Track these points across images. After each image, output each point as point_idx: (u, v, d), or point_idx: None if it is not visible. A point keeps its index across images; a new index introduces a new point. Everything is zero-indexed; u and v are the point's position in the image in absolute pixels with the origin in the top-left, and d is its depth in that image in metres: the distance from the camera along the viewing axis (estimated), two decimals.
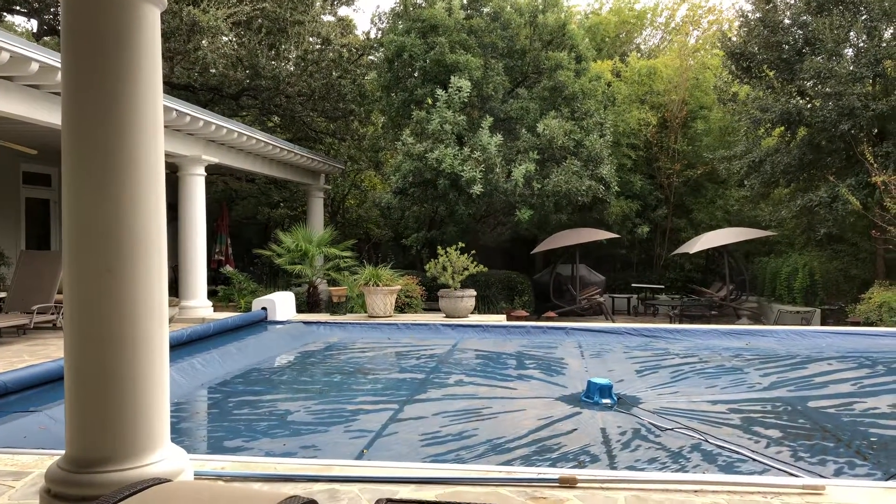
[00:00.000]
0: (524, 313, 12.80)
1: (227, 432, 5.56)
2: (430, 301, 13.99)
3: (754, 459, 4.73)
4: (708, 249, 16.41)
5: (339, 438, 5.38)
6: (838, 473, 4.57)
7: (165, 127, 10.93)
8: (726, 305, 16.23)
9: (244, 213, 21.27)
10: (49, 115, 8.53)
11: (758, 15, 15.24)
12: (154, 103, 3.34)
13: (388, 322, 11.07)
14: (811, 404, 6.41)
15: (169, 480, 2.96)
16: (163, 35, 16.17)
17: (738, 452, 4.90)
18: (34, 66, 7.47)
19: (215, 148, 12.44)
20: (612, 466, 4.72)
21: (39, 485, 3.82)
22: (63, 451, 4.30)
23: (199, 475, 3.85)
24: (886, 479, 4.01)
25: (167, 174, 13.02)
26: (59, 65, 7.81)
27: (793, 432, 5.56)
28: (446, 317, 11.68)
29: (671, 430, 5.49)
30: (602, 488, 3.74)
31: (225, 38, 17.28)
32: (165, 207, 3.47)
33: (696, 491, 3.68)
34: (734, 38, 16.03)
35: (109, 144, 3.18)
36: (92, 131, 3.19)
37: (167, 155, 11.62)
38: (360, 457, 4.83)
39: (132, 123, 3.21)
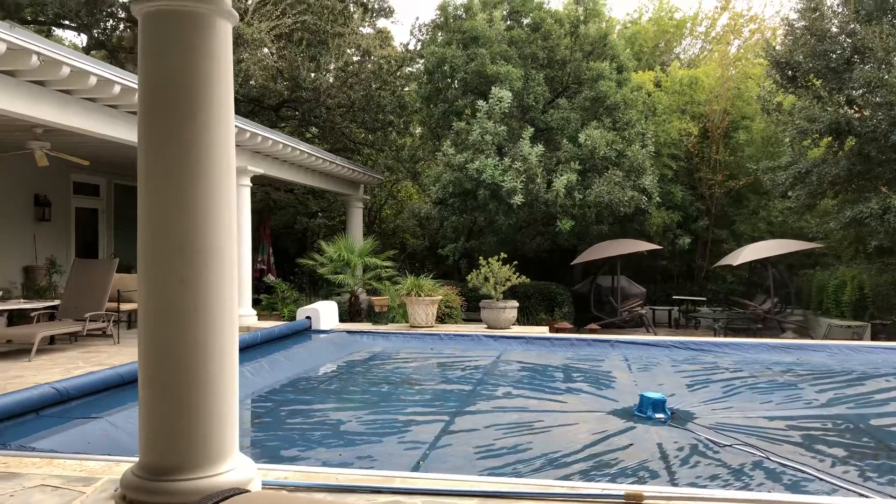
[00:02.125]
0: (568, 325, 12.70)
1: (282, 441, 5.59)
2: (470, 311, 13.97)
3: (821, 479, 4.62)
4: (751, 261, 16.13)
5: (393, 449, 5.38)
6: None
7: None
8: (770, 319, 15.93)
9: (282, 223, 21.48)
10: (104, 126, 8.73)
11: (804, 23, 14.99)
12: (227, 118, 3.39)
13: (430, 332, 11.07)
14: (874, 422, 6.24)
15: (246, 490, 2.99)
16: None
17: (802, 471, 4.79)
18: (92, 80, 7.64)
19: (260, 159, 12.60)
20: (674, 483, 4.64)
21: (109, 491, 3.89)
22: (130, 458, 4.38)
23: (265, 485, 3.87)
24: None
25: None
26: (115, 78, 7.98)
27: (857, 451, 5.42)
28: (488, 328, 11.65)
29: (730, 446, 5.39)
30: None
31: (266, 51, 17.53)
32: (236, 214, 3.52)
33: None
34: (779, 47, 15.78)
35: (185, 159, 3.23)
36: (168, 147, 3.25)
37: None
38: (416, 468, 4.82)
39: (206, 138, 3.26)
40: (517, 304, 11.82)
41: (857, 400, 7.18)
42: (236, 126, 10.87)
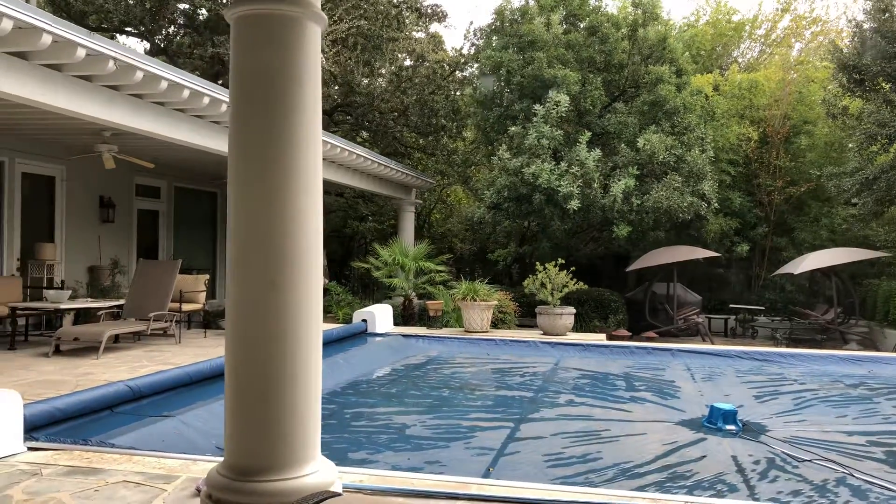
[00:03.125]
0: (626, 333, 12.52)
1: (349, 444, 5.60)
2: (523, 317, 13.87)
3: None
4: (812, 270, 15.66)
5: (460, 455, 5.34)
6: None
7: None
8: (833, 329, 15.44)
9: (331, 227, 21.67)
10: (172, 130, 8.91)
11: (873, 24, 14.53)
12: (316, 118, 3.40)
13: (485, 337, 11.01)
14: None
15: (339, 493, 2.98)
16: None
17: (890, 489, 4.59)
18: (164, 84, 7.81)
19: None
20: (754, 498, 4.49)
21: (189, 489, 3.94)
22: (206, 457, 4.43)
23: (343, 488, 3.87)
24: None
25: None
26: (183, 81, 8.15)
27: None
28: (543, 334, 11.53)
29: (809, 461, 5.20)
30: None
31: (327, 56, 17.73)
32: (322, 216, 3.53)
33: None
34: (846, 50, 15.32)
35: (277, 160, 3.24)
36: (260, 147, 3.26)
37: None
38: (486, 475, 4.77)
39: (297, 139, 3.27)
40: (574, 311, 11.67)
41: None
42: None
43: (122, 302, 10.63)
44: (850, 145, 15.50)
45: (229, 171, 3.35)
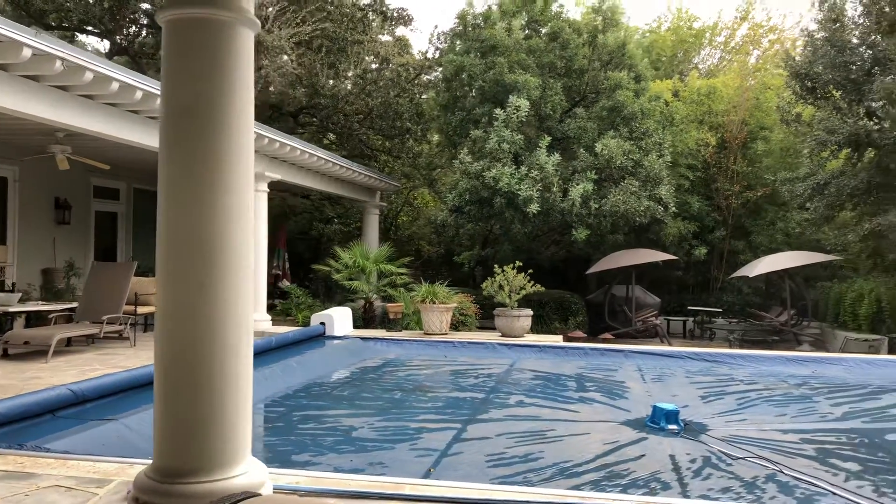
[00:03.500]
0: (582, 334, 12.68)
1: (294, 446, 5.63)
2: (484, 319, 13.96)
3: (834, 493, 4.58)
4: (768, 273, 16.01)
5: (404, 456, 5.40)
6: None
7: None
8: (787, 331, 15.79)
9: (298, 229, 21.62)
10: (124, 131, 8.84)
11: (824, 34, 14.92)
12: (247, 123, 3.45)
13: (444, 340, 11.08)
14: (889, 437, 6.18)
15: (258, 494, 3.02)
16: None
17: (815, 485, 4.75)
18: (114, 86, 7.76)
19: (278, 164, 12.71)
20: (685, 495, 4.61)
21: (121, 493, 3.93)
22: (144, 460, 4.42)
23: (276, 489, 3.90)
24: None
25: None
26: (137, 83, 8.10)
27: (872, 466, 5.37)
28: (502, 336, 11.64)
29: (743, 458, 5.35)
30: None
31: (285, 58, 17.68)
32: (253, 220, 3.57)
33: None
34: (798, 58, 15.70)
35: (205, 163, 3.28)
36: (188, 151, 3.30)
37: None
38: (426, 476, 4.83)
39: (227, 143, 3.31)
40: (531, 313, 11.79)
41: (872, 414, 7.11)
42: (254, 132, 10.96)
43: (75, 305, 10.50)
44: (804, 151, 15.88)
45: (159, 173, 3.37)
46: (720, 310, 17.85)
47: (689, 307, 18.19)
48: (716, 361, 9.92)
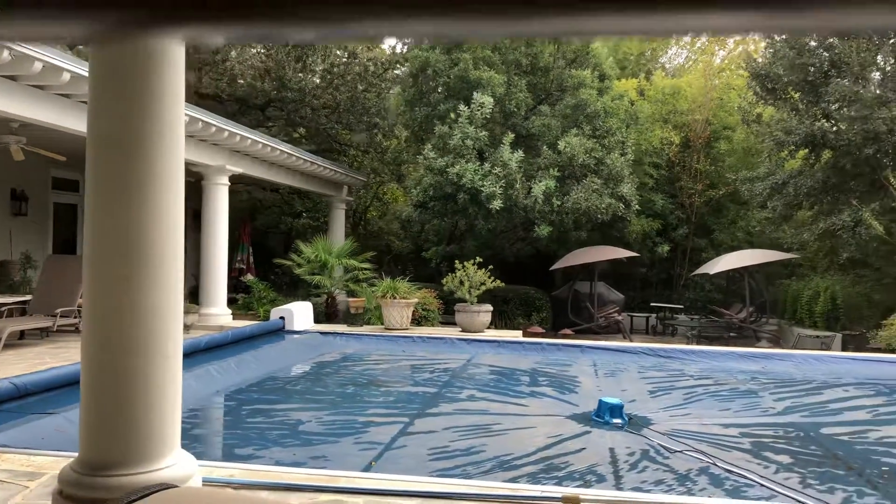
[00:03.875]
0: (540, 330, 12.81)
1: (238, 440, 5.64)
2: (448, 315, 14.03)
3: (762, 485, 4.71)
4: (729, 270, 16.28)
5: (348, 450, 5.44)
6: (846, 502, 4.54)
7: (190, 137, 11.13)
8: (746, 327, 16.08)
9: (267, 223, 21.50)
10: (78, 122, 8.74)
11: (784, 37, 15.16)
12: (176, 117, 3.45)
13: (404, 335, 11.13)
14: (824, 431, 6.35)
15: (175, 486, 3.04)
16: (192, 46, 16.49)
17: (745, 477, 4.88)
18: (66, 76, 7.68)
19: (240, 158, 12.64)
20: (619, 487, 4.72)
21: (52, 486, 3.93)
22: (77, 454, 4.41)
23: (208, 482, 3.92)
24: None
25: (192, 183, 13.12)
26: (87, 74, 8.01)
27: (803, 459, 5.52)
28: (462, 331, 11.72)
29: (680, 452, 5.47)
30: None
31: (253, 51, 17.57)
32: (183, 217, 3.58)
33: None
34: (759, 60, 15.96)
35: (131, 157, 3.29)
36: (112, 146, 3.31)
37: (192, 164, 11.83)
38: (367, 469, 4.88)
39: (152, 140, 3.32)
40: (491, 308, 11.89)
41: (812, 409, 7.30)
42: (215, 125, 10.91)
43: (29, 297, 10.37)
44: (763, 152, 16.16)
45: (87, 166, 3.38)
46: (682, 306, 18.11)
47: (651, 303, 18.43)
48: (669, 357, 10.10)
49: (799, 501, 4.32)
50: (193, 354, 8.37)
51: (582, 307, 16.85)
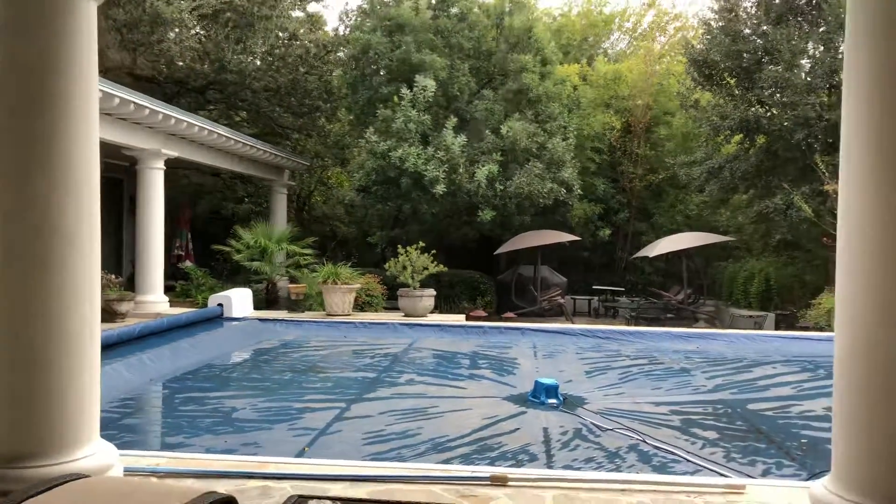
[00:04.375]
0: (482, 313, 12.90)
1: (169, 428, 5.54)
2: (392, 300, 13.99)
3: (688, 460, 4.85)
4: (668, 253, 16.66)
5: (282, 436, 5.39)
6: (766, 473, 4.71)
7: (123, 120, 10.81)
8: (684, 309, 16.49)
9: (209, 209, 21.04)
10: None
11: (720, 24, 15.50)
12: (88, 96, 3.33)
13: (346, 320, 11.07)
14: (751, 406, 6.57)
15: (88, 476, 2.96)
16: (125, 26, 15.96)
17: (673, 453, 5.01)
18: None
19: (175, 142, 12.31)
20: (550, 465, 4.80)
21: None
22: None
23: (131, 471, 3.84)
24: (806, 479, 4.14)
25: (127, 167, 12.79)
26: None
27: (729, 434, 5.70)
28: (405, 316, 11.72)
29: (612, 430, 5.59)
30: (532, 487, 3.81)
31: (192, 32, 17.10)
32: (99, 197, 3.47)
33: (622, 490, 3.77)
34: (697, 46, 16.27)
35: (39, 136, 3.17)
36: (19, 133, 3.17)
37: (126, 148, 11.49)
38: (300, 454, 4.85)
39: (63, 125, 3.20)
40: (434, 293, 11.91)
41: (741, 386, 7.54)
42: (148, 107, 10.60)
43: None
44: (701, 137, 16.53)
45: None
46: (623, 289, 18.47)
47: (594, 286, 18.73)
48: (607, 338, 10.29)
49: (721, 474, 4.45)
50: (127, 343, 8.18)
51: (526, 290, 17.02)
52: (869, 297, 2.87)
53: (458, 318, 11.85)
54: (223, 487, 3.80)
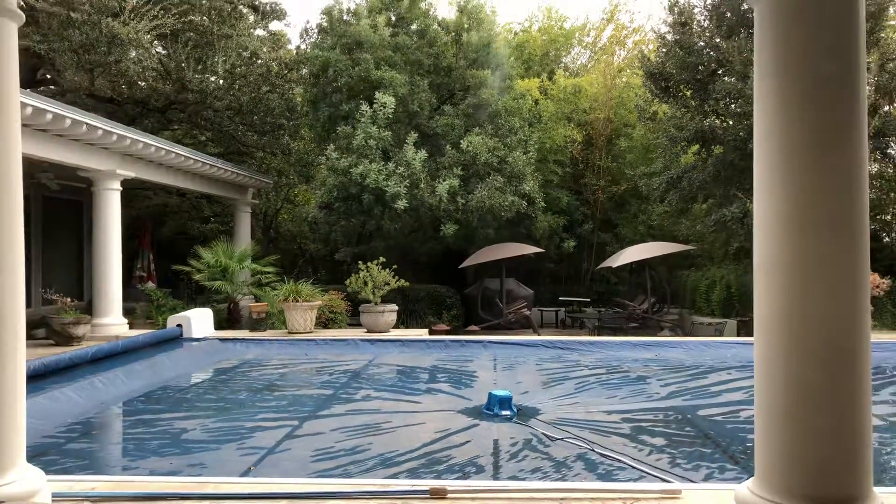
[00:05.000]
0: (445, 327, 12.90)
1: (115, 452, 5.47)
2: (357, 316, 13.94)
3: (633, 467, 4.88)
4: (632, 263, 16.83)
5: (229, 456, 5.33)
6: (708, 477, 4.76)
7: (76, 141, 10.69)
8: (649, 318, 16.65)
9: (177, 229, 20.84)
10: None
11: (675, 37, 15.80)
12: (8, 125, 3.30)
13: (307, 338, 11.00)
14: (701, 412, 6.64)
15: None
16: (82, 47, 15.82)
17: (619, 461, 5.05)
18: None
19: (132, 162, 12.20)
20: (496, 477, 4.80)
21: None
22: None
23: (60, 496, 3.77)
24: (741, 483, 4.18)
25: (82, 188, 12.60)
26: None
27: (677, 440, 5.76)
28: (367, 332, 11.68)
29: (561, 440, 5.61)
30: (471, 499, 3.81)
31: (151, 52, 16.99)
32: (22, 221, 3.43)
33: (561, 499, 3.79)
34: (653, 59, 16.56)
35: None
36: None
37: (80, 169, 11.36)
38: (245, 474, 4.80)
39: None
40: (396, 308, 11.89)
41: (694, 392, 7.62)
42: (101, 128, 10.50)
43: None
44: (660, 148, 16.78)
45: None
46: (589, 300, 18.60)
47: (560, 298, 18.85)
48: (568, 349, 10.35)
49: (664, 480, 4.50)
50: (79, 367, 8.05)
51: (493, 304, 17.08)
52: (785, 300, 2.94)
53: (421, 333, 11.83)
54: None
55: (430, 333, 12.06)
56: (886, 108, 13.28)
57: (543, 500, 3.75)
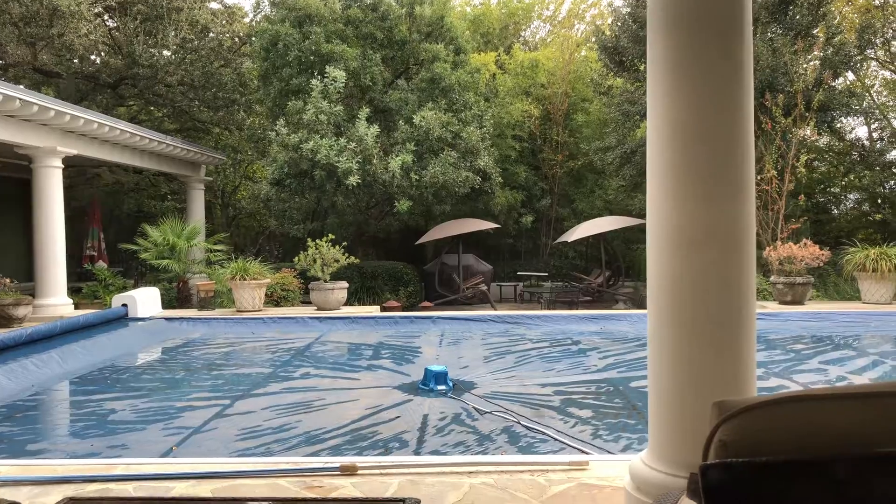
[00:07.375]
0: (396, 304, 12.89)
1: (35, 435, 5.37)
2: (308, 294, 13.89)
3: (555, 439, 4.94)
4: (589, 237, 16.93)
5: (153, 437, 5.28)
6: (626, 448, 4.83)
7: (11, 117, 10.38)
8: (604, 291, 16.82)
9: (135, 207, 20.45)
10: None
11: (627, 10, 15.79)
12: None
13: (255, 316, 10.92)
14: (633, 384, 6.73)
15: None
16: (23, 20, 15.34)
17: (542, 433, 5.10)
18: None
19: (74, 139, 11.90)
20: (418, 452, 4.82)
21: None
22: None
23: None
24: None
25: (23, 166, 12.31)
26: None
27: (604, 411, 5.84)
28: (318, 309, 11.63)
29: (490, 413, 5.66)
30: (380, 474, 3.82)
31: (93, 24, 16.52)
32: None
33: (469, 472, 3.81)
34: (608, 32, 16.54)
35: None
36: None
37: (17, 146, 11.05)
38: (167, 454, 4.76)
39: None
40: (346, 285, 11.85)
41: (630, 364, 7.72)
42: (37, 104, 10.21)
43: None
44: (613, 123, 16.84)
45: None
46: (547, 274, 18.72)
47: (518, 272, 18.94)
48: (516, 323, 10.41)
49: (582, 451, 4.55)
50: (13, 348, 7.90)
51: (451, 279, 17.11)
52: (674, 273, 2.96)
53: (371, 310, 11.82)
54: (60, 493, 3.71)
55: (382, 311, 12.05)
56: (832, 82, 13.44)
57: (451, 475, 3.77)
